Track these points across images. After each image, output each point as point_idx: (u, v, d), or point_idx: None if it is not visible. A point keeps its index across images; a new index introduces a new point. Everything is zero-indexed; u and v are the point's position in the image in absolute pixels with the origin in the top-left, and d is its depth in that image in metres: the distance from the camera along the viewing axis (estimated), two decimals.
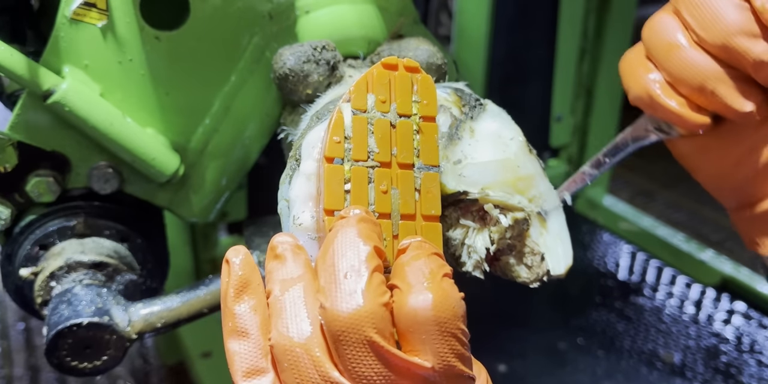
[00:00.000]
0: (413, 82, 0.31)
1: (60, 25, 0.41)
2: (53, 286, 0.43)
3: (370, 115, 0.30)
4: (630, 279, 0.99)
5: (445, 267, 0.26)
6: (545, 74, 1.01)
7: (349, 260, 0.25)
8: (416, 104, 0.31)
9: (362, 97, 0.30)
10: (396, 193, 0.29)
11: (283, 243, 0.28)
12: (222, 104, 0.45)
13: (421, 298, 0.25)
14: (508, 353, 0.81)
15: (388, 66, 0.31)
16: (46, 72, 0.40)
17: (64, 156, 0.43)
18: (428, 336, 0.24)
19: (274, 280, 0.27)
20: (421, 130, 0.31)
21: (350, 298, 0.24)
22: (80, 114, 0.41)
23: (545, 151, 1.10)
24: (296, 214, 0.31)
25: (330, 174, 0.29)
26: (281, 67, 0.40)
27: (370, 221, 0.27)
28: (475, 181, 0.33)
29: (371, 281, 0.25)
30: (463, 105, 0.36)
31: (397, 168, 0.30)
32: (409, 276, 0.26)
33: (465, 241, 0.34)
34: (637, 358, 0.84)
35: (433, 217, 0.30)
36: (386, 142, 0.30)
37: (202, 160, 0.45)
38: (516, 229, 0.34)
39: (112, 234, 0.45)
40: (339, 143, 0.29)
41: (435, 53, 0.40)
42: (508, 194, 0.34)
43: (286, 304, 0.26)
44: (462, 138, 0.34)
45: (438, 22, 0.93)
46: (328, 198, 0.29)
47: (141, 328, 0.41)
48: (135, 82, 0.42)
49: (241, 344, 0.26)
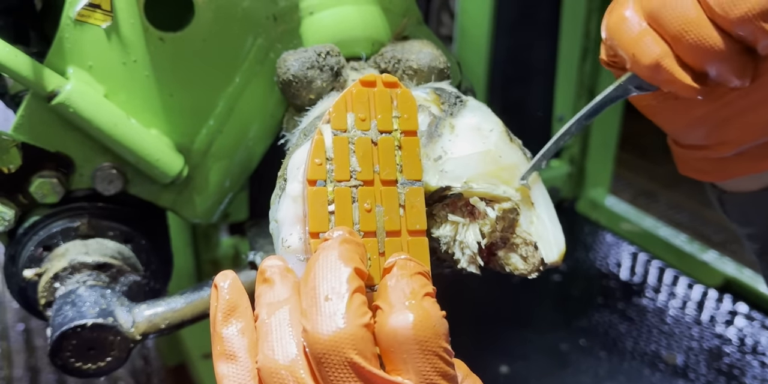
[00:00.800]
0: (392, 97, 0.31)
1: (64, 26, 0.41)
2: (57, 287, 0.43)
3: (350, 135, 0.30)
4: (632, 280, 0.98)
5: (427, 286, 0.27)
6: (547, 74, 1.01)
7: (329, 282, 0.26)
8: (396, 119, 0.31)
9: (342, 117, 0.30)
10: (380, 211, 0.30)
11: (272, 267, 0.28)
12: (226, 105, 0.45)
13: (401, 318, 0.25)
14: (510, 354, 0.81)
15: (367, 83, 0.31)
16: (50, 73, 0.40)
17: (68, 157, 0.43)
18: (409, 355, 0.25)
19: (261, 303, 0.27)
20: (402, 146, 0.31)
21: (330, 321, 0.25)
22: (84, 115, 0.41)
23: None
24: (284, 236, 0.31)
25: (313, 197, 0.29)
26: (285, 72, 0.40)
27: (353, 242, 0.28)
28: (457, 175, 0.33)
29: (351, 303, 0.25)
30: (442, 103, 0.36)
31: (380, 185, 0.30)
32: (391, 296, 0.26)
33: (456, 238, 0.34)
34: (639, 359, 0.84)
35: (418, 231, 0.30)
36: (368, 160, 0.30)
37: (206, 161, 0.45)
38: (506, 220, 0.34)
39: (116, 235, 0.45)
40: (321, 165, 0.30)
41: (438, 57, 0.40)
42: (492, 185, 0.33)
43: (272, 327, 0.26)
44: (442, 135, 0.34)
45: (439, 22, 0.93)
46: (313, 221, 0.29)
47: (145, 330, 0.41)
48: (139, 83, 0.42)
49: (230, 367, 0.27)
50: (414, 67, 0.40)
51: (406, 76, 0.40)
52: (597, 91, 1.05)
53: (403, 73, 0.40)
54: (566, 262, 1.00)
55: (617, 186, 1.14)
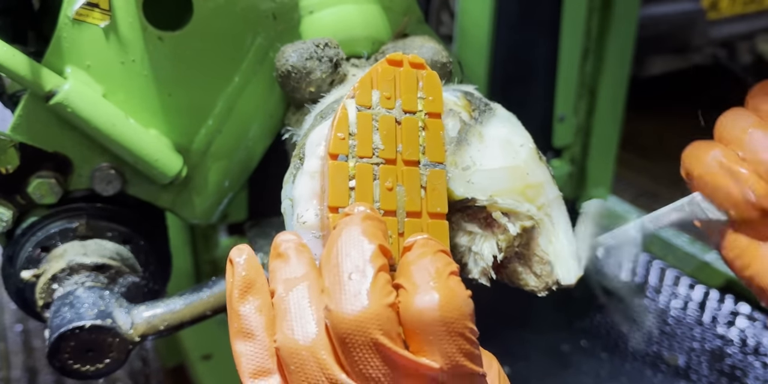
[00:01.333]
0: (418, 78, 0.31)
1: (62, 26, 0.40)
2: (55, 288, 0.42)
3: (375, 112, 0.30)
4: (633, 280, 0.98)
5: (451, 265, 0.26)
6: (548, 74, 1.00)
7: (353, 260, 0.25)
8: (421, 101, 0.31)
9: (367, 93, 0.30)
10: (401, 191, 0.29)
11: (287, 241, 0.28)
12: (225, 105, 0.44)
13: (428, 299, 0.24)
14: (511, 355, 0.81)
15: (393, 62, 0.31)
16: (48, 73, 0.40)
17: (66, 157, 0.42)
18: (435, 336, 0.24)
19: (277, 279, 0.27)
20: (426, 127, 0.30)
21: (355, 300, 0.24)
22: (82, 115, 0.40)
23: (548, 151, 1.10)
24: (300, 212, 0.31)
25: (334, 170, 0.29)
26: (284, 64, 0.40)
27: (375, 218, 0.27)
28: (483, 187, 0.33)
29: (376, 282, 0.24)
30: (472, 109, 0.35)
31: (402, 165, 0.30)
32: (414, 275, 0.25)
33: (472, 248, 0.34)
34: (641, 360, 0.83)
35: (439, 214, 0.30)
36: (391, 138, 0.30)
37: (205, 161, 0.45)
38: (524, 237, 0.34)
39: (115, 236, 0.44)
40: (343, 140, 0.29)
41: (440, 51, 0.40)
42: (516, 202, 0.33)
43: (290, 305, 0.25)
44: (471, 143, 0.34)
45: (439, 21, 0.93)
46: (333, 195, 0.28)
47: (144, 331, 0.41)
48: (138, 83, 0.42)
49: (248, 345, 0.26)
50: None
51: None
52: (598, 91, 1.05)
53: None
54: None
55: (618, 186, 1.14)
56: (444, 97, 0.35)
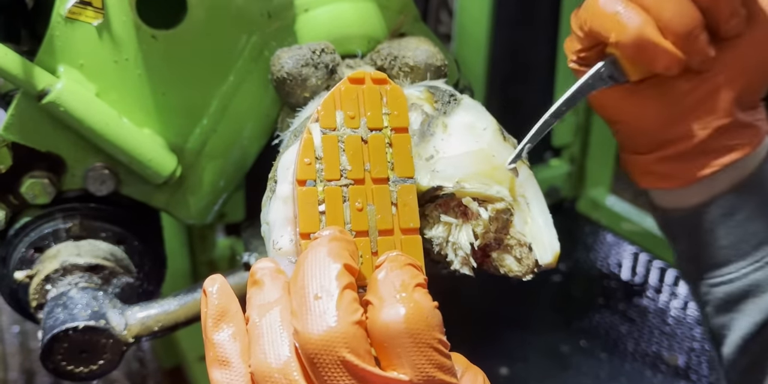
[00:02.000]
0: (382, 93, 0.31)
1: (55, 24, 0.40)
2: (48, 289, 0.42)
3: (340, 133, 0.30)
4: (633, 280, 0.98)
5: (418, 277, 0.26)
6: (547, 73, 1.00)
7: (318, 280, 0.25)
8: (386, 116, 0.31)
9: (331, 115, 0.30)
10: (372, 210, 0.29)
11: (262, 269, 0.28)
12: (220, 104, 0.44)
13: (393, 312, 0.25)
14: (509, 356, 0.81)
15: (355, 80, 0.31)
16: (40, 71, 0.39)
17: (60, 157, 0.42)
18: (403, 349, 0.24)
19: (252, 305, 0.27)
20: (393, 143, 0.30)
21: (321, 320, 0.24)
22: (76, 114, 0.40)
23: (547, 150, 1.09)
24: (275, 238, 0.31)
25: (303, 197, 0.29)
26: (279, 70, 0.39)
27: (342, 239, 0.27)
28: (449, 174, 0.33)
29: (342, 300, 0.25)
30: (435, 101, 0.35)
31: (371, 183, 0.30)
32: (381, 290, 0.26)
33: (449, 239, 0.33)
34: (640, 360, 0.83)
35: (411, 229, 0.30)
36: (358, 158, 0.30)
37: (200, 160, 0.45)
38: (499, 221, 0.33)
39: (109, 236, 0.44)
40: (310, 165, 0.29)
41: (435, 54, 0.39)
42: (485, 185, 0.33)
43: (263, 330, 0.26)
44: (434, 133, 0.33)
45: (438, 20, 0.92)
46: (303, 221, 0.28)
47: (138, 332, 0.41)
48: (131, 82, 0.42)
49: (224, 373, 0.26)
50: (410, 64, 0.39)
51: (402, 73, 0.40)
52: None
53: (399, 70, 0.40)
54: (566, 263, 1.00)
55: (618, 185, 1.14)
56: (408, 93, 0.35)
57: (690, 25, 0.32)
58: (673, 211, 0.40)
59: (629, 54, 0.33)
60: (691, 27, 0.32)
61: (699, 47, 0.33)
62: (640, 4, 0.32)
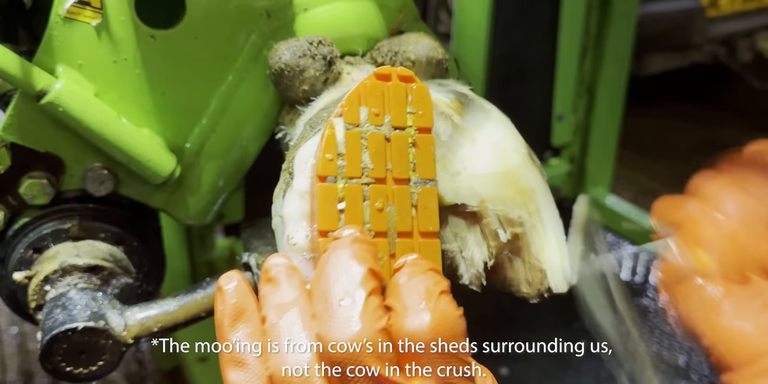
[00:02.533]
0: (407, 92, 0.30)
1: (53, 24, 0.40)
2: (47, 290, 0.42)
3: (363, 130, 0.29)
4: (633, 280, 0.98)
5: (441, 283, 0.26)
6: (546, 72, 1.00)
7: (343, 285, 0.25)
8: (411, 116, 0.30)
9: (355, 110, 0.29)
10: (392, 210, 0.29)
11: (277, 266, 0.27)
12: (219, 104, 0.44)
13: (418, 321, 0.24)
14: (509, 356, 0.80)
15: (381, 76, 0.30)
16: (39, 72, 0.39)
17: (58, 157, 0.42)
18: (429, 359, 0.24)
19: (268, 305, 0.26)
20: (416, 143, 0.30)
21: (346, 326, 0.24)
22: (74, 114, 0.40)
23: (547, 150, 1.09)
24: (290, 233, 0.30)
25: (323, 193, 0.28)
26: (276, 62, 0.39)
27: (365, 241, 0.27)
28: (474, 193, 0.32)
29: (367, 306, 0.24)
30: (465, 112, 0.35)
31: (392, 183, 0.29)
32: (404, 296, 0.25)
33: (463, 254, 0.33)
34: None
35: (431, 233, 0.29)
36: (381, 156, 0.29)
37: (199, 161, 0.45)
38: (516, 243, 0.33)
39: (108, 237, 0.44)
40: (332, 161, 0.29)
41: (436, 48, 0.39)
42: (507, 208, 0.33)
43: (282, 332, 0.25)
44: (463, 146, 0.33)
45: (437, 19, 0.92)
46: (322, 219, 0.28)
47: (137, 333, 0.41)
48: (130, 82, 0.42)
49: (240, 374, 0.26)
50: (412, 58, 0.39)
51: (404, 67, 0.39)
52: (596, 89, 1.04)
53: (401, 65, 0.39)
54: None
55: (618, 185, 1.13)
56: (436, 99, 0.34)
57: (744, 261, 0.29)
58: None
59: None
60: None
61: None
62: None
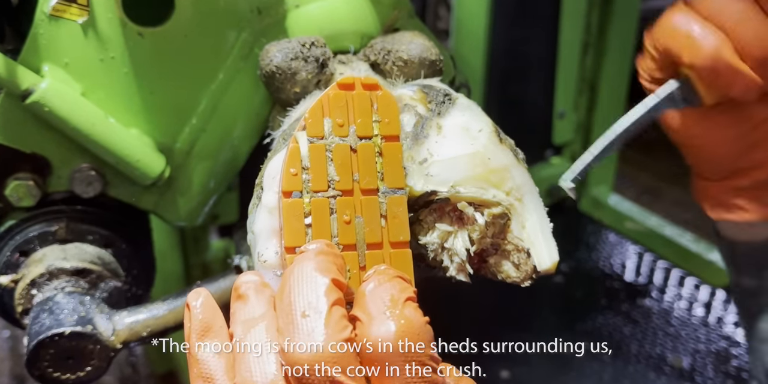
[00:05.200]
0: (372, 100, 0.30)
1: (39, 22, 0.39)
2: (34, 294, 0.41)
3: (327, 142, 0.29)
4: (637, 280, 0.96)
5: (407, 290, 0.26)
6: (547, 69, 0.98)
7: (306, 297, 0.24)
8: (377, 124, 0.30)
9: (318, 123, 0.29)
10: (360, 222, 0.28)
11: (247, 282, 0.27)
12: (209, 103, 0.43)
13: (383, 329, 0.24)
14: (510, 359, 0.80)
15: (345, 86, 0.29)
16: (24, 71, 0.38)
17: (45, 158, 0.41)
18: (395, 367, 0.24)
19: (236, 320, 0.26)
20: (383, 152, 0.29)
21: (309, 338, 0.23)
22: (61, 114, 0.39)
23: (548, 148, 1.08)
24: (260, 250, 0.30)
25: (288, 209, 0.28)
26: (268, 64, 0.38)
27: (330, 253, 0.26)
28: (443, 179, 0.31)
29: (330, 317, 0.24)
30: (429, 101, 0.34)
31: (360, 195, 0.29)
32: (369, 305, 0.25)
33: (444, 245, 0.32)
34: (644, 362, 0.82)
35: (401, 243, 0.29)
36: (347, 168, 0.29)
37: (189, 161, 0.44)
38: (496, 226, 0.32)
39: (96, 239, 0.43)
40: (296, 175, 0.28)
41: (429, 48, 0.38)
42: (481, 189, 0.32)
43: (249, 346, 0.25)
44: (428, 136, 0.32)
45: (436, 15, 0.91)
46: (288, 235, 0.28)
47: (126, 338, 0.40)
48: (118, 81, 0.41)
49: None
50: (404, 58, 0.38)
51: (396, 67, 0.38)
52: (598, 86, 1.03)
53: (393, 65, 0.39)
54: (568, 263, 0.98)
55: (621, 184, 1.12)
56: (401, 93, 0.34)
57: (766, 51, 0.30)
58: (741, 243, 0.38)
59: (703, 77, 0.31)
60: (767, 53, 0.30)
61: None
62: (718, 25, 0.31)
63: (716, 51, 0.30)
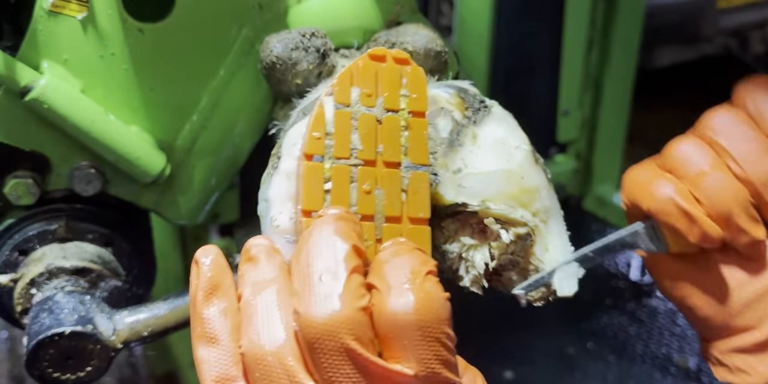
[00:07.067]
0: (402, 74, 0.29)
1: (38, 18, 0.39)
2: (34, 293, 0.41)
3: (354, 110, 0.28)
4: (642, 280, 0.96)
5: (428, 263, 0.25)
6: (551, 66, 0.98)
7: (324, 260, 0.23)
8: (405, 98, 0.29)
9: (346, 90, 0.28)
10: (380, 194, 0.27)
11: (257, 245, 0.26)
12: (210, 100, 0.43)
13: (402, 301, 0.23)
14: (515, 359, 0.79)
15: (375, 57, 0.29)
16: (23, 67, 0.38)
17: (44, 156, 0.41)
18: (410, 341, 0.23)
19: (245, 282, 0.25)
20: (409, 126, 0.29)
21: (326, 303, 0.23)
22: (60, 111, 0.39)
23: (552, 146, 1.07)
24: (274, 215, 0.29)
25: (309, 172, 0.27)
26: (268, 55, 0.38)
27: (350, 220, 0.25)
28: (475, 192, 0.31)
29: (349, 283, 0.23)
30: (466, 108, 0.34)
31: (382, 167, 0.28)
32: (388, 275, 0.24)
33: (463, 255, 0.32)
34: (650, 363, 0.81)
35: (420, 219, 0.28)
36: (371, 138, 0.28)
37: (190, 158, 0.43)
38: (518, 245, 0.32)
39: (96, 238, 0.43)
40: (319, 139, 0.27)
41: (435, 39, 0.38)
42: (510, 207, 0.32)
43: (257, 309, 0.24)
44: (463, 144, 0.32)
45: (439, 12, 0.90)
46: (307, 198, 0.27)
47: (126, 338, 0.40)
48: (118, 78, 0.40)
49: (211, 351, 0.25)
50: (409, 50, 0.38)
51: None
52: (603, 83, 1.02)
53: None
54: None
55: None
56: (436, 93, 0.33)
57: (730, 199, 0.30)
58: None
59: (660, 221, 0.32)
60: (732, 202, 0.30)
61: (742, 226, 0.30)
62: (681, 176, 0.31)
63: (671, 197, 0.31)
